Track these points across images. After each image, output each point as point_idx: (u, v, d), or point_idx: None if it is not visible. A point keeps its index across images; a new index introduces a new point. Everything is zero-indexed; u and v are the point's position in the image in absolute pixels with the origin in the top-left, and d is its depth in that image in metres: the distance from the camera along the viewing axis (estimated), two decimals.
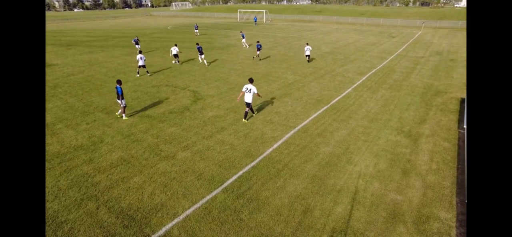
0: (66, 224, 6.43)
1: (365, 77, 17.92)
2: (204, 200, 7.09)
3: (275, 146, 9.61)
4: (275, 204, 6.89)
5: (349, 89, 15.48)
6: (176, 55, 22.74)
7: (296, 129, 10.82)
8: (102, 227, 6.31)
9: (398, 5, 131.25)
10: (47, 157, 9.26)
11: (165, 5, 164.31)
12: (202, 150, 9.46)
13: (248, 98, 11.24)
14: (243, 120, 11.71)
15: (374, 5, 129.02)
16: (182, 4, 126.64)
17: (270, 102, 13.69)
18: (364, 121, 11.44)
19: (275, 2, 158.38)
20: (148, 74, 19.28)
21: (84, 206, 6.99)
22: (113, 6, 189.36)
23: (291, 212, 6.64)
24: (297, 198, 7.06)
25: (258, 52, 23.65)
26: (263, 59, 23.69)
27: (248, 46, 30.94)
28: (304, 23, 58.32)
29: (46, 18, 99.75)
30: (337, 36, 38.20)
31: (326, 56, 24.57)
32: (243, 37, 31.04)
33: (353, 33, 42.03)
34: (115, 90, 12.47)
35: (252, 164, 8.57)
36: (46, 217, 6.62)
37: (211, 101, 14.00)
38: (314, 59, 23.27)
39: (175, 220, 6.46)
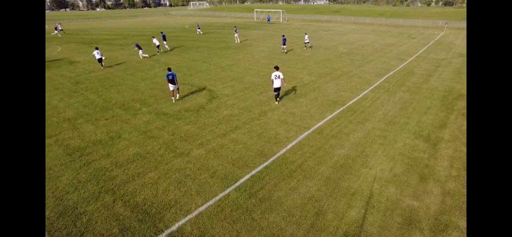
0: (85, 215, 6.66)
1: (383, 79, 17.53)
2: (217, 197, 7.15)
3: (289, 146, 9.56)
4: (287, 205, 6.86)
5: (366, 91, 15.19)
6: (158, 46, 27.42)
7: (311, 130, 10.73)
8: (118, 220, 6.50)
9: (419, 5, 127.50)
10: (68, 151, 9.62)
11: (183, 5, 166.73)
12: (216, 148, 9.55)
13: (277, 84, 12.99)
14: (276, 102, 13.57)
15: (394, 5, 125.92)
16: (199, 4, 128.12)
17: (285, 102, 13.63)
18: (381, 124, 11.19)
19: (292, 2, 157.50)
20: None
21: (102, 199, 7.21)
22: (133, 5, 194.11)
23: (304, 213, 6.59)
24: (310, 200, 7.00)
25: (284, 46, 26.24)
26: (278, 58, 23.63)
27: (239, 41, 34.14)
28: (321, 23, 57.70)
29: (71, 17, 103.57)
30: (354, 36, 37.58)
31: (343, 56, 24.23)
32: (236, 32, 34.89)
33: (371, 34, 41.21)
34: (167, 77, 13.62)
35: (265, 164, 8.57)
36: (66, 208, 6.88)
37: (226, 100, 14.11)
38: (330, 59, 23.00)
39: (188, 217, 6.55)
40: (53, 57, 27.77)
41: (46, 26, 62.79)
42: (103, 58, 22.96)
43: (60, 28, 48.88)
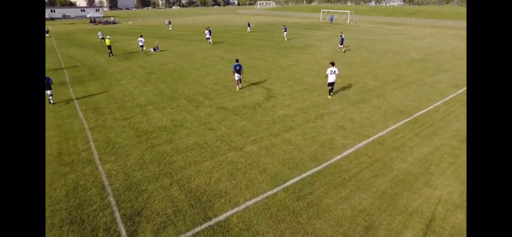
0: (146, 193, 7.38)
1: (461, 90, 15.51)
2: (265, 195, 7.24)
3: (344, 154, 9.16)
4: (336, 214, 6.59)
5: (439, 102, 13.64)
6: (142, 46, 28.28)
7: (370, 139, 10.09)
8: (172, 202, 7.05)
9: None
10: (138, 133, 10.75)
11: (250, 4, 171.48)
12: (268, 146, 9.65)
13: (332, 79, 13.67)
14: (329, 96, 14.29)
15: None
16: (266, 3, 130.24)
17: (345, 107, 13.06)
18: (453, 141, 9.94)
19: (361, 2, 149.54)
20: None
21: (161, 180, 7.90)
22: (204, 4, 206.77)
23: (353, 225, 6.26)
24: (361, 213, 6.61)
25: (341, 45, 26.31)
26: (342, 60, 22.69)
27: (287, 39, 35.54)
28: (393, 26, 53.56)
29: (150, 14, 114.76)
30: (430, 41, 33.95)
31: (415, 63, 22.12)
32: (285, 30, 36.50)
33: (451, 39, 36.75)
34: (234, 68, 15.19)
35: (317, 168, 8.35)
36: (131, 184, 7.72)
37: (283, 100, 14.12)
38: (399, 65, 21.21)
39: (235, 209, 6.77)
40: (134, 49, 31.22)
41: (154, 21, 70.68)
42: (143, 46, 28.79)
43: (167, 22, 59.06)
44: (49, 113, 12.96)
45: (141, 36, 29.09)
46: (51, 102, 14.29)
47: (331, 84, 13.82)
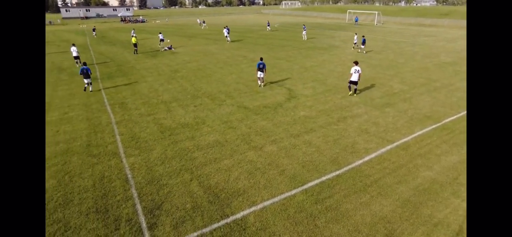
0: (167, 187, 7.59)
1: None
2: (283, 196, 7.20)
3: (366, 158, 8.91)
4: (355, 219, 6.43)
5: None
6: (162, 40, 31.33)
7: (394, 144, 9.75)
8: (192, 197, 7.19)
9: None
10: (161, 129, 11.07)
11: (275, 4, 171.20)
12: (288, 147, 9.58)
13: (355, 78, 14.15)
14: (349, 93, 14.74)
15: None
16: (291, 3, 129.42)
17: (369, 110, 12.70)
18: None
19: (391, 3, 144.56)
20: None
21: (182, 175, 8.09)
22: (229, 3, 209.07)
23: (372, 232, 6.07)
24: (381, 220, 6.40)
25: (362, 46, 26.59)
26: (367, 62, 22.07)
27: (306, 38, 36.39)
28: (423, 28, 51.31)
29: (177, 14, 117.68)
30: (463, 44, 32.17)
31: (446, 66, 21.07)
32: (304, 29, 37.90)
33: None
34: (258, 66, 15.89)
35: (337, 172, 8.18)
36: (153, 177, 7.97)
37: (305, 101, 13.96)
38: (428, 69, 20.29)
39: (253, 208, 6.79)
40: (160, 47, 32.15)
41: (183, 20, 72.78)
42: (163, 39, 31.94)
43: (199, 21, 62.59)
44: (81, 107, 13.66)
45: (160, 33, 32.43)
46: (91, 90, 16.21)
47: (354, 82, 14.32)
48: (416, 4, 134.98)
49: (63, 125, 11.56)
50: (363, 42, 26.50)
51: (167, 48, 30.68)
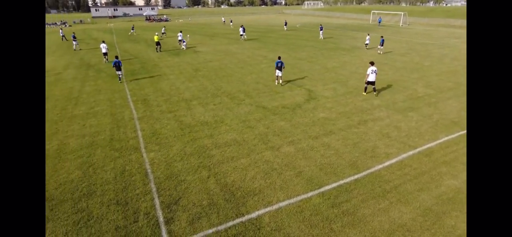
0: (184, 183, 7.74)
1: None
2: (299, 198, 7.14)
3: (386, 163, 8.65)
4: (372, 225, 6.26)
5: None
6: (180, 41, 30.70)
7: (417, 150, 9.39)
8: (208, 194, 7.29)
9: None
10: (181, 126, 11.30)
11: (297, 4, 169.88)
12: (305, 149, 9.48)
13: (372, 78, 14.35)
14: (363, 93, 14.97)
15: None
16: (314, 3, 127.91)
17: (391, 113, 12.32)
18: None
19: (418, 3, 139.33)
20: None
21: (199, 172, 8.22)
22: (252, 3, 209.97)
23: None
24: (400, 227, 6.19)
25: (380, 46, 26.20)
26: (390, 64, 21.41)
27: (323, 38, 37.20)
28: (453, 29, 49.04)
29: (199, 13, 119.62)
30: None
31: None
32: (321, 29, 37.97)
33: None
34: (276, 64, 16.35)
35: (356, 176, 8.00)
36: (172, 173, 8.16)
37: (325, 102, 13.76)
38: (457, 72, 19.36)
39: (268, 208, 6.78)
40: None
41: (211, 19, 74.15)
42: (181, 39, 31.70)
43: (223, 20, 66.38)
44: (106, 102, 14.22)
45: (181, 32, 32.95)
46: (120, 80, 18.19)
47: (371, 82, 14.54)
48: (446, 5, 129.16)
49: (89, 119, 12.09)
50: (382, 43, 26.27)
51: (181, 41, 31.65)
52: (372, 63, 14.56)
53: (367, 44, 28.96)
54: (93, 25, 71.95)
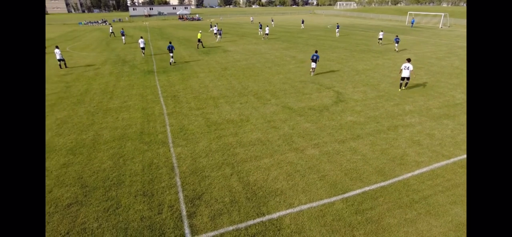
0: (208, 179, 7.91)
1: None
2: (321, 202, 7.01)
3: (416, 172, 8.23)
4: (397, 236, 5.99)
5: None
6: (216, 34, 33.15)
7: (451, 160, 8.84)
8: (230, 191, 7.39)
9: None
10: (208, 123, 11.54)
11: (329, 4, 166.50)
12: (331, 152, 9.28)
13: (406, 74, 15.02)
14: (399, 89, 15.60)
15: None
16: (347, 4, 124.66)
17: (423, 120, 11.69)
18: None
19: (461, 4, 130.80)
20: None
21: (223, 169, 8.35)
22: (283, 3, 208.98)
23: None
24: None
25: (396, 44, 28.34)
26: (427, 68, 20.29)
27: (338, 35, 40.32)
28: None
29: (231, 12, 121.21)
30: None
31: None
32: (338, 28, 41.92)
33: None
34: (312, 57, 18.36)
35: (382, 184, 7.70)
36: (197, 168, 8.36)
37: (353, 106, 13.37)
38: None
39: (289, 210, 6.73)
40: (215, 45, 33.48)
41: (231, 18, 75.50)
42: (217, 32, 37.11)
43: (252, 20, 71.86)
44: (138, 97, 14.90)
45: (216, 25, 38.52)
46: (171, 62, 22.95)
47: (405, 78, 15.22)
48: None
49: (122, 113, 12.73)
50: (397, 41, 28.41)
51: (216, 33, 36.69)
52: (408, 60, 15.23)
53: (380, 38, 32.45)
54: (130, 23, 75.62)
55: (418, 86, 16.43)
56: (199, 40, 31.22)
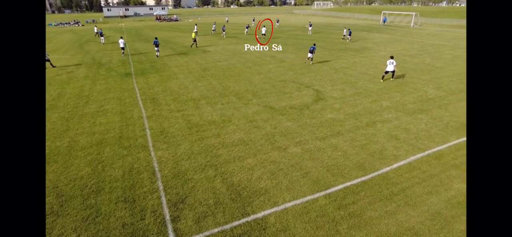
0: (191, 182, 7.80)
1: None
2: (305, 199, 7.11)
3: (394, 166, 8.54)
4: (379, 228, 6.19)
5: None
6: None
7: (426, 153, 9.25)
8: (214, 193, 7.33)
9: None
10: (189, 125, 11.39)
11: (307, 4, 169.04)
12: (312, 149, 9.44)
13: (390, 68, 17.07)
14: (381, 80, 17.56)
15: None
16: (323, 4, 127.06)
17: (400, 115, 12.15)
18: None
19: (431, 4, 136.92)
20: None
21: (206, 171, 8.27)
22: (261, 3, 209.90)
23: None
24: (407, 231, 6.10)
25: (349, 36, 34.73)
26: (401, 66, 21.10)
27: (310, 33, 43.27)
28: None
29: (209, 12, 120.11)
30: None
31: None
32: (310, 26, 45.76)
33: None
34: (310, 49, 21.78)
35: (363, 178, 7.93)
36: (179, 172, 8.23)
37: (333, 103, 13.66)
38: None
39: (274, 209, 6.78)
40: (191, 45, 33.08)
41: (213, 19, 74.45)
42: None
43: (227, 20, 71.91)
44: (115, 101, 14.44)
45: (214, 23, 41.40)
46: (157, 56, 26.12)
47: (389, 71, 17.20)
48: (459, 5, 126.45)
49: (99, 117, 12.30)
50: (350, 34, 35.25)
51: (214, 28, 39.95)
52: (392, 57, 17.33)
53: (344, 35, 36.94)
54: (105, 24, 73.13)
55: (393, 83, 17.04)
56: (194, 40, 31.86)
